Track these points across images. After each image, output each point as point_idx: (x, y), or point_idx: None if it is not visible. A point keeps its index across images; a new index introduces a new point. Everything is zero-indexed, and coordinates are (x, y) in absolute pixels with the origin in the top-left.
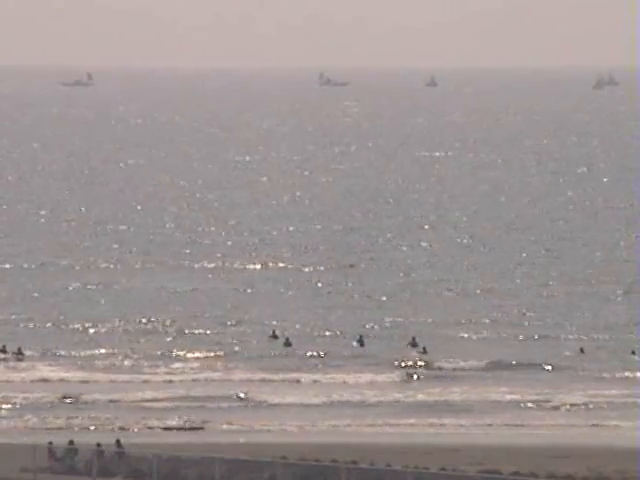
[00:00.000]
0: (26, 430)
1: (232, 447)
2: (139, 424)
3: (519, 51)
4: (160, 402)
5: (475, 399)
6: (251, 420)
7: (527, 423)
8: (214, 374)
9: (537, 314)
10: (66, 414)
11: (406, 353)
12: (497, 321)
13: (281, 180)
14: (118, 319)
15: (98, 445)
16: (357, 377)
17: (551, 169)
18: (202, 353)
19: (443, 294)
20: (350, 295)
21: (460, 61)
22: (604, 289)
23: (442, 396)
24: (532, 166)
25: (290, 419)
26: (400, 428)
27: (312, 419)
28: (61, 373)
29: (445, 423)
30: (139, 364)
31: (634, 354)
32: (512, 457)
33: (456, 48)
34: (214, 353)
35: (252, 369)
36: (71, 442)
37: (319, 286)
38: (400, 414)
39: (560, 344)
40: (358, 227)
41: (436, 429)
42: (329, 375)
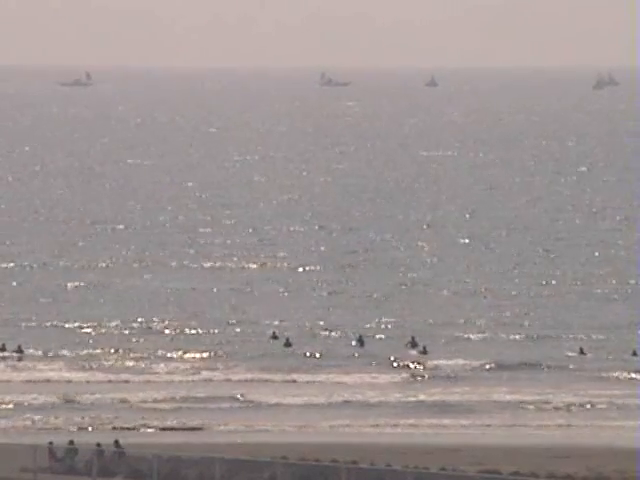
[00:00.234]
0: (26, 430)
1: (232, 447)
2: (139, 424)
3: (519, 51)
4: (160, 402)
5: (475, 399)
6: (251, 420)
7: (527, 423)
8: (214, 374)
9: (537, 314)
10: (66, 414)
11: (406, 353)
12: (497, 321)
13: (281, 180)
14: (118, 319)
15: (98, 445)
16: (357, 377)
17: (551, 169)
18: (202, 353)
19: (443, 294)
20: (350, 295)
21: (460, 61)
22: (604, 289)
23: (442, 396)
24: (532, 166)
25: (290, 419)
26: (400, 428)
27: (312, 419)
28: (61, 373)
29: (445, 423)
30: (139, 364)
31: (635, 355)
32: (512, 457)
33: (456, 46)
34: (214, 353)
35: (252, 369)
36: (71, 442)
37: (319, 286)
38: (400, 414)
39: (560, 344)
40: (357, 227)
41: (436, 429)
42: (329, 375)
